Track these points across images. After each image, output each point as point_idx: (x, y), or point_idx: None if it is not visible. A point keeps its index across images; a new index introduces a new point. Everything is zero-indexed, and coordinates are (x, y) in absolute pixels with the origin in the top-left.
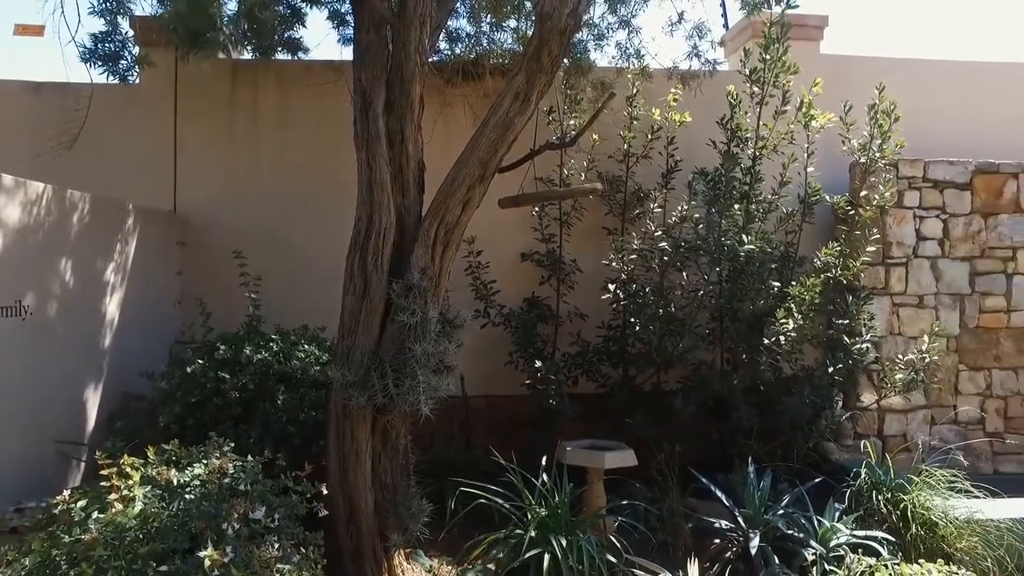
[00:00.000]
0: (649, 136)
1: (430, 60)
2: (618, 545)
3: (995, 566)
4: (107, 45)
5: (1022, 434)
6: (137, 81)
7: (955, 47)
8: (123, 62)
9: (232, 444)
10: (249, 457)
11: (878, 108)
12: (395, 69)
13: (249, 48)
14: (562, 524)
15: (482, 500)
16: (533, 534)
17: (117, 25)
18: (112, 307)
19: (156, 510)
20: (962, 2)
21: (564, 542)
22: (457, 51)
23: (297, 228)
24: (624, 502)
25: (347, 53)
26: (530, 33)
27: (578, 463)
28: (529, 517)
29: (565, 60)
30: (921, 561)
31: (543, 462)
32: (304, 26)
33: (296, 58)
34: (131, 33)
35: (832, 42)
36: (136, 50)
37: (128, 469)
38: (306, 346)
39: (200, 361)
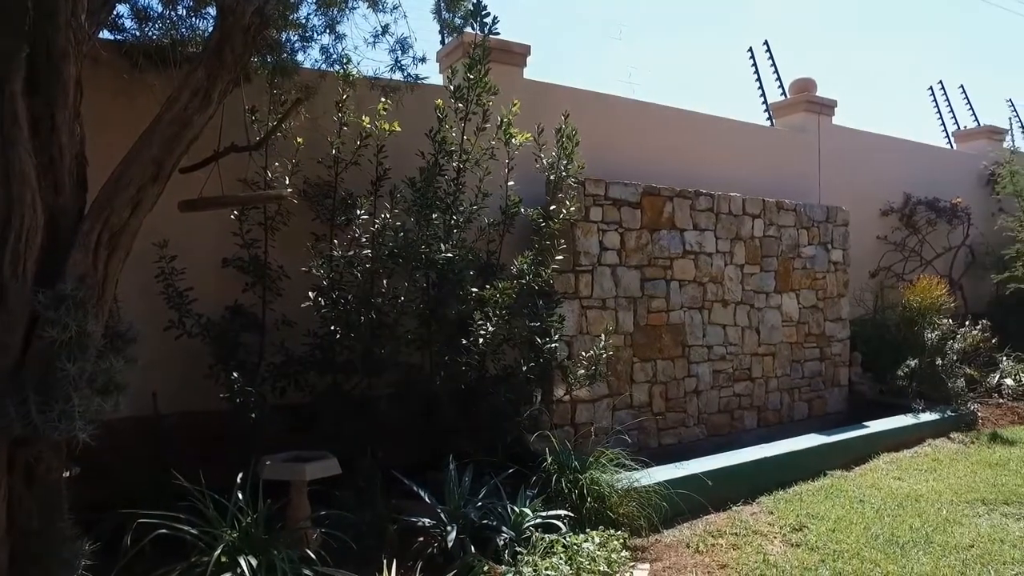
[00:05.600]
0: (358, 143)
1: (116, 39)
2: (314, 557)
3: (646, 523)
4: None
5: (677, 412)
6: None
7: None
8: None
9: None
10: None
11: (564, 132)
12: (40, 42)
13: None
14: (255, 543)
15: (164, 530)
16: (223, 558)
17: None
18: None
19: None
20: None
21: (255, 562)
22: (149, 33)
23: None
24: (324, 512)
25: None
26: None
27: (279, 477)
28: (218, 540)
29: (268, 58)
30: (588, 529)
31: (239, 480)
32: None
33: None
34: None
35: (536, 69)
36: None
37: None
38: None
39: None
